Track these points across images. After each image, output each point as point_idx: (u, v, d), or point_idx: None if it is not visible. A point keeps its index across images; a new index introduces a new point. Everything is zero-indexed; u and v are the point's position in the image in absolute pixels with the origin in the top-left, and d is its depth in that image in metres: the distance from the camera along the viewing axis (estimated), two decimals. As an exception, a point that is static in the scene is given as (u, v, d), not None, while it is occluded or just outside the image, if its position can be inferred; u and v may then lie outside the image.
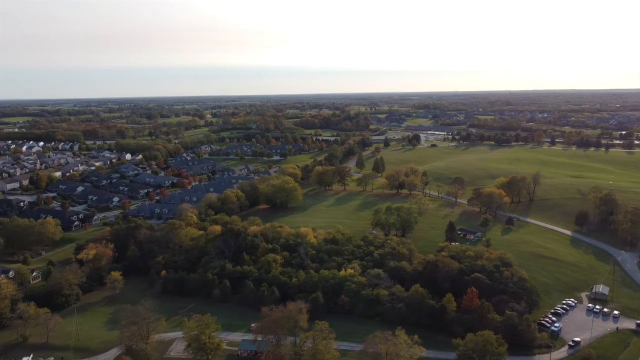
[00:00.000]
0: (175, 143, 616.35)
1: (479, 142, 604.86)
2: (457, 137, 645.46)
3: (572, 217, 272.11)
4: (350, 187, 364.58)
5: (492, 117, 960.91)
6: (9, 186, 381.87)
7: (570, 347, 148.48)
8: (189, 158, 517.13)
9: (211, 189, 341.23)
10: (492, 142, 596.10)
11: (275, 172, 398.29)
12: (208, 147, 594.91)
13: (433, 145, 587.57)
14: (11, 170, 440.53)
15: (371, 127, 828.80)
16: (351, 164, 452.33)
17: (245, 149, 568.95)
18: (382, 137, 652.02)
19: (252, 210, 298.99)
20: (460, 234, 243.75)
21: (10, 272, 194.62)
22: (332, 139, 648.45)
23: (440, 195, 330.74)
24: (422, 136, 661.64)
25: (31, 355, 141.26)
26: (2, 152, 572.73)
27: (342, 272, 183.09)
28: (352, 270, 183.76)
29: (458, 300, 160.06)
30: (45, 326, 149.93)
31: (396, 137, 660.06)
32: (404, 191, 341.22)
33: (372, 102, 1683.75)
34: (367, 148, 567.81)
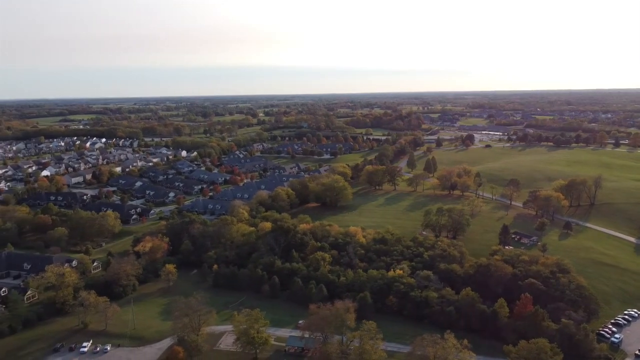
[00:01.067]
0: (228, 141, 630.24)
1: (536, 143, 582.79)
2: (513, 138, 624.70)
3: (637, 223, 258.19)
4: (401, 187, 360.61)
5: (551, 117, 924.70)
6: (74, 180, 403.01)
7: (638, 357, 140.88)
8: (241, 156, 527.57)
9: (262, 187, 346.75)
10: (551, 143, 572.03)
11: (325, 170, 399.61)
12: (260, 145, 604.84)
13: (487, 146, 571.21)
14: (76, 165, 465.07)
15: (423, 126, 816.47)
16: (402, 164, 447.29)
17: (296, 147, 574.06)
18: (435, 137, 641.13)
19: (301, 208, 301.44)
20: (514, 237, 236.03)
21: (74, 262, 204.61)
22: (383, 138, 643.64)
23: (494, 197, 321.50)
24: (476, 136, 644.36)
25: (91, 341, 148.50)
26: (68, 147, 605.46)
27: (391, 273, 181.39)
28: (401, 271, 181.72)
29: (510, 306, 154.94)
30: (104, 314, 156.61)
31: (449, 137, 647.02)
32: (456, 192, 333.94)
33: (425, 102, 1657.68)
34: (418, 148, 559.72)
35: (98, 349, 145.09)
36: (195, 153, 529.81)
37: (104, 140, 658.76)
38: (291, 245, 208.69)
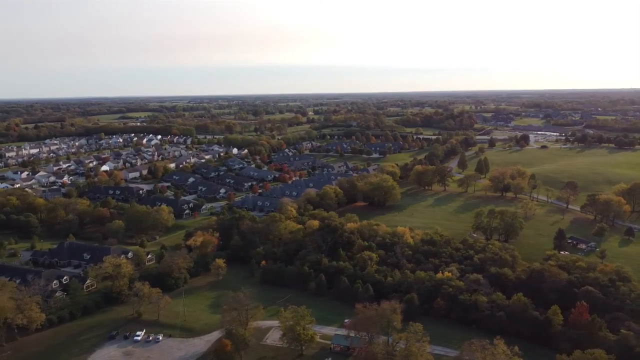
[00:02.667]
0: (278, 139, 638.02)
1: (596, 145, 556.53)
2: (571, 139, 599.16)
3: None
4: (451, 188, 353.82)
5: (613, 117, 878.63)
6: (131, 175, 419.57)
7: None
8: (290, 154, 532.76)
9: (311, 185, 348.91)
10: (612, 145, 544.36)
11: (374, 170, 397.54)
12: (309, 144, 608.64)
13: (543, 147, 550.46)
14: (133, 161, 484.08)
15: (475, 126, 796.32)
16: (452, 164, 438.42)
17: (345, 146, 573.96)
18: (487, 137, 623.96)
19: (349, 207, 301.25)
20: (570, 242, 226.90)
21: (130, 254, 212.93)
22: (434, 137, 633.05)
23: (549, 200, 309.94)
24: (532, 137, 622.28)
25: (144, 330, 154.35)
26: (126, 144, 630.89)
27: (439, 275, 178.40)
28: (450, 274, 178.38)
29: (565, 313, 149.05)
30: (157, 305, 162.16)
31: (502, 137, 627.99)
32: (509, 194, 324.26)
33: (478, 101, 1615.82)
34: (470, 148, 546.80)
35: (151, 338, 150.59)
36: (245, 150, 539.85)
37: (159, 137, 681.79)
38: (338, 243, 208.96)
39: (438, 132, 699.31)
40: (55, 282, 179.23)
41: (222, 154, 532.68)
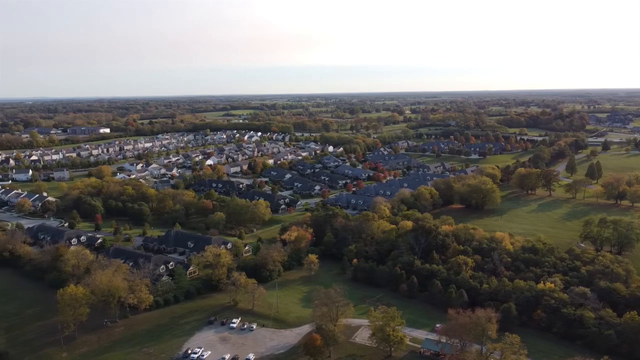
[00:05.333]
0: (374, 137, 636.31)
1: None
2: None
3: None
4: (557, 193, 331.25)
5: None
6: (232, 170, 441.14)
7: None
8: (385, 153, 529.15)
9: (405, 185, 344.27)
10: None
11: (472, 171, 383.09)
12: (405, 143, 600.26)
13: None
14: (235, 156, 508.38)
15: (588, 127, 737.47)
16: (560, 168, 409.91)
17: (442, 146, 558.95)
18: (601, 140, 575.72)
19: (444, 209, 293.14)
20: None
21: (229, 244, 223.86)
22: (539, 138, 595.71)
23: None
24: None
25: (239, 318, 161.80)
26: (229, 140, 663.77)
27: (540, 285, 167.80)
28: (552, 285, 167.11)
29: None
30: (252, 295, 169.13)
31: (619, 140, 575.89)
32: (624, 202, 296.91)
33: (591, 100, 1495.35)
34: (580, 151, 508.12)
35: (245, 326, 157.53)
36: (341, 149, 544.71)
37: (259, 133, 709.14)
38: (432, 246, 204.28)
39: (545, 133, 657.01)
40: (162, 266, 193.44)
41: (318, 152, 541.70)
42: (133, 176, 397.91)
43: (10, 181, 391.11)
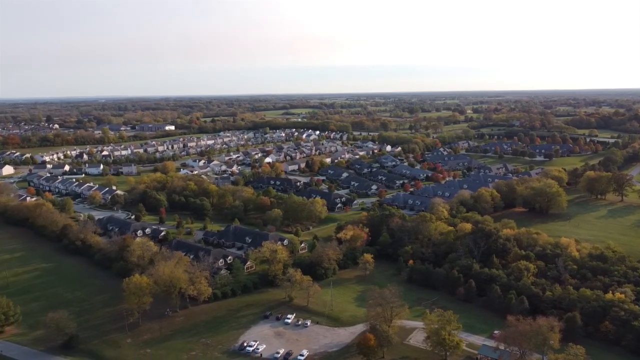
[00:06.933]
0: (433, 137, 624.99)
1: None
2: None
3: None
4: (630, 199, 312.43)
5: None
6: (290, 168, 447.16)
7: None
8: (445, 153, 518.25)
9: (465, 186, 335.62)
10: None
11: (537, 173, 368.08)
12: (466, 143, 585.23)
13: None
14: (293, 154, 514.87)
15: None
16: (634, 172, 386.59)
17: (505, 146, 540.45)
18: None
19: (506, 212, 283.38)
20: None
21: (285, 241, 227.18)
22: (611, 141, 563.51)
23: None
24: None
25: (294, 314, 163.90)
26: (287, 138, 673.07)
27: (609, 295, 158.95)
28: (623, 295, 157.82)
29: None
30: (307, 292, 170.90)
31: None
32: None
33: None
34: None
35: (300, 322, 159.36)
36: (399, 148, 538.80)
37: (317, 132, 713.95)
38: (491, 250, 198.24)
39: (617, 134, 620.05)
40: (221, 260, 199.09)
41: (375, 151, 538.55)
42: (195, 172, 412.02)
43: (83, 175, 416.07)
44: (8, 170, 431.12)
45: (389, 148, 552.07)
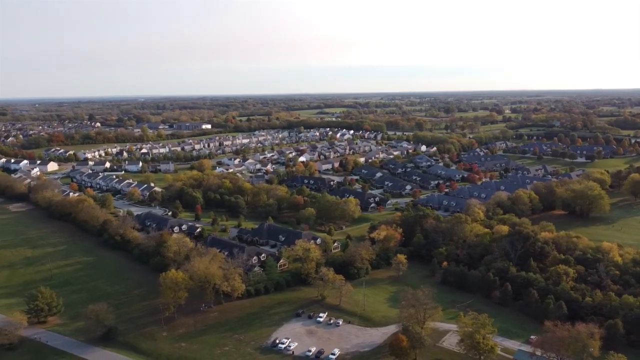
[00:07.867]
0: (469, 137, 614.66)
1: None
2: None
3: None
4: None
5: None
6: (324, 167, 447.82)
7: None
8: (481, 153, 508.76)
9: (502, 187, 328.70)
10: None
11: (577, 175, 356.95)
12: (503, 144, 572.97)
13: None
14: (327, 154, 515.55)
15: None
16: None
17: (544, 147, 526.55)
18: None
19: (544, 215, 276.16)
20: None
21: (318, 240, 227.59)
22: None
23: None
24: None
25: (326, 313, 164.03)
26: (321, 137, 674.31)
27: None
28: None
29: None
30: (339, 291, 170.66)
31: None
32: None
33: None
34: None
35: (332, 321, 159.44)
36: (434, 148, 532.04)
37: (351, 132, 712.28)
38: (529, 253, 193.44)
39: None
40: (254, 258, 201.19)
41: (410, 151, 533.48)
42: (231, 170, 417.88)
43: (123, 172, 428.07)
44: (53, 166, 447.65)
45: (423, 148, 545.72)
